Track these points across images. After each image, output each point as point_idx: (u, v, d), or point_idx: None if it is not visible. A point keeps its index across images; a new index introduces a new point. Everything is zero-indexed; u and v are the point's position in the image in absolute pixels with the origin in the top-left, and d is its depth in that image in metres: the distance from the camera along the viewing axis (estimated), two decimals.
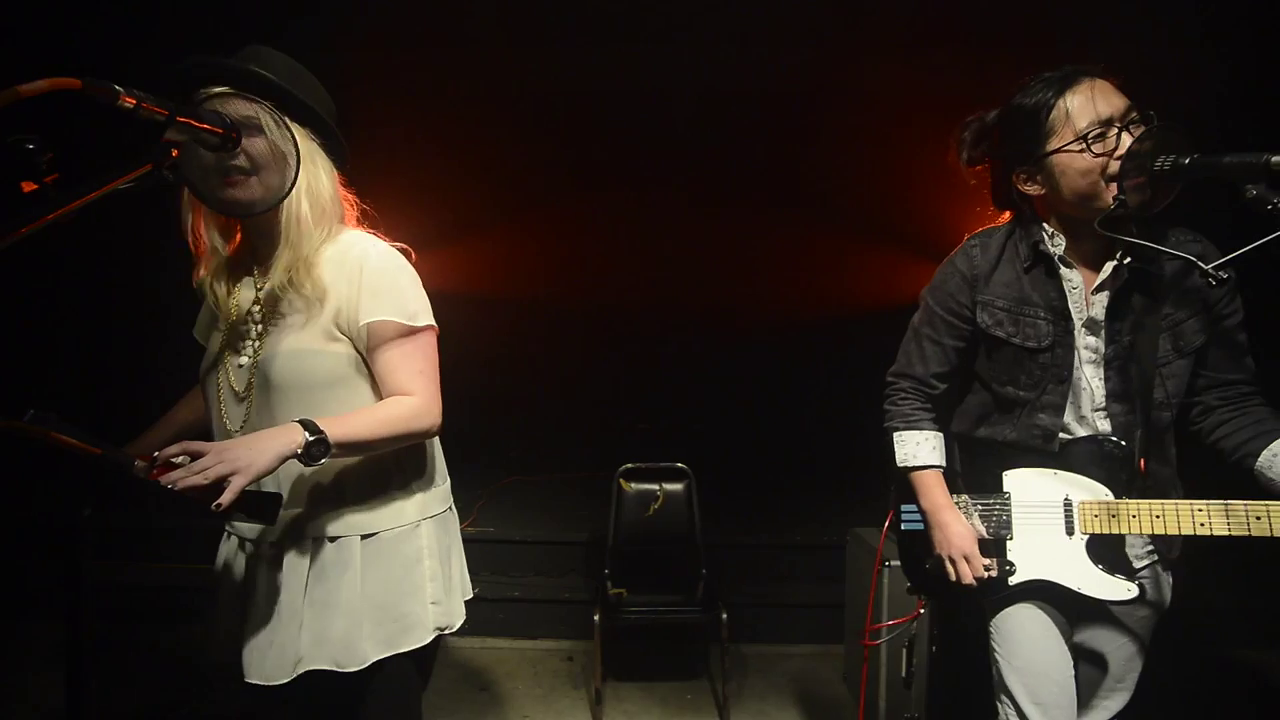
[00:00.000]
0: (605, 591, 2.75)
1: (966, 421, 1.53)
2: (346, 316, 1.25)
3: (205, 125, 0.94)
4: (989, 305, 1.43)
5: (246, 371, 1.27)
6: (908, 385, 1.55)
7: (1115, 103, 1.26)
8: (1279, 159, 1.02)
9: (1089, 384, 1.38)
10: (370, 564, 1.27)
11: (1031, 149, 1.32)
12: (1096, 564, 1.36)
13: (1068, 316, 1.37)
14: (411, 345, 1.28)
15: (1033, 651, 1.41)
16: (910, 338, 1.55)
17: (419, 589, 1.30)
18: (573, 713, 2.70)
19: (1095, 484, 1.37)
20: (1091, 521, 1.36)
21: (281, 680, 1.22)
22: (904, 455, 1.52)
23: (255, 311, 1.29)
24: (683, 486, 2.98)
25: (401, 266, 1.31)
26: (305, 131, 1.25)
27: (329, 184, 1.29)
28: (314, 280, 1.24)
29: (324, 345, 1.25)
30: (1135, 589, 1.34)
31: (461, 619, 1.39)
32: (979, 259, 1.45)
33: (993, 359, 1.45)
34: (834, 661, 2.99)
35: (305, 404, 1.24)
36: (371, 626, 1.25)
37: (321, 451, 1.15)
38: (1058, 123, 1.29)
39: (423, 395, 1.27)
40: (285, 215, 1.24)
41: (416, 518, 1.32)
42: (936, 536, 1.46)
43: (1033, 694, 1.38)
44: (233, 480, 1.07)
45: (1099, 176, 1.27)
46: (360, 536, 1.27)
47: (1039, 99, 1.31)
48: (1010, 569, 1.42)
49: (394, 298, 1.27)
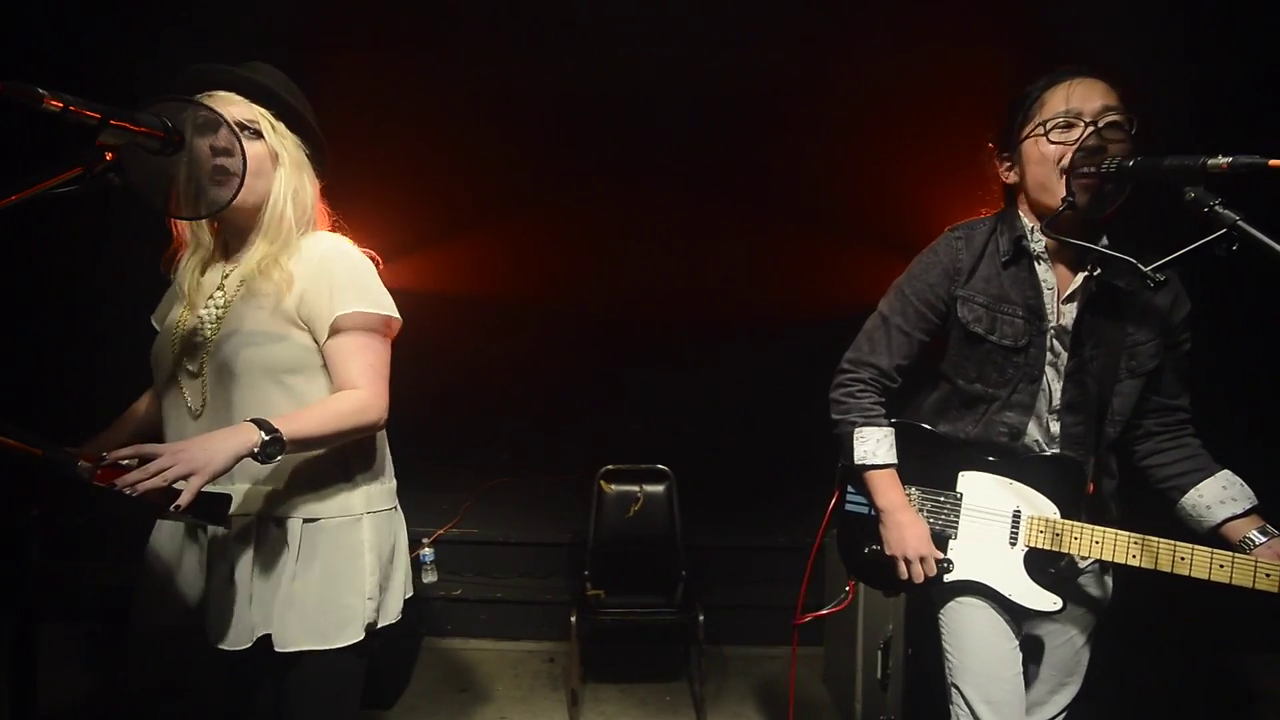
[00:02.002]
0: (583, 592, 2.75)
1: (924, 415, 1.53)
2: (311, 307, 1.29)
3: (142, 129, 0.94)
4: (969, 300, 1.41)
5: (202, 348, 1.29)
6: (868, 376, 1.50)
7: (1093, 100, 1.27)
8: (1215, 162, 1.03)
9: (1050, 386, 1.40)
10: (309, 550, 1.29)
11: (1012, 135, 1.36)
12: (1031, 575, 1.39)
13: (1043, 316, 1.37)
14: (369, 340, 1.32)
15: (982, 651, 1.42)
16: (878, 325, 1.50)
17: (357, 583, 1.31)
18: (550, 714, 2.70)
19: (1047, 501, 1.40)
20: (1037, 537, 1.38)
21: (243, 646, 1.25)
22: (863, 453, 1.48)
23: (218, 295, 1.32)
24: (663, 488, 2.99)
25: (369, 265, 1.37)
26: (297, 140, 1.34)
27: (312, 191, 1.37)
28: (282, 268, 1.29)
29: (284, 330, 1.28)
30: (1060, 603, 1.37)
31: (395, 618, 1.40)
32: (963, 252, 1.44)
33: (964, 355, 1.44)
34: (814, 663, 2.99)
35: (260, 389, 1.27)
36: (306, 614, 1.27)
37: (277, 450, 1.17)
38: (1034, 111, 1.32)
39: (370, 389, 1.30)
40: (269, 214, 1.30)
41: (360, 510, 1.34)
42: (892, 536, 1.46)
43: (984, 693, 1.40)
44: (190, 481, 1.09)
45: (1053, 166, 1.28)
46: (303, 520, 1.29)
47: (1030, 89, 1.34)
48: (948, 566, 1.44)
49: (362, 292, 1.31)
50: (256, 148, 1.28)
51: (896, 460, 1.49)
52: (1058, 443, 1.40)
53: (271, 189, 1.30)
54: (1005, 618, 1.42)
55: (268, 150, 1.30)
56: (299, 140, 1.34)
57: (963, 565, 1.44)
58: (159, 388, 1.35)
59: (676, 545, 2.92)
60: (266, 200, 1.30)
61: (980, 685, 1.40)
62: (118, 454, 1.06)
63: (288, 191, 1.31)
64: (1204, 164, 1.04)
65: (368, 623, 1.32)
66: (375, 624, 1.35)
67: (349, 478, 1.35)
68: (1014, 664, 1.42)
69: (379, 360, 1.34)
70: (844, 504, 1.60)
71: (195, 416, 1.30)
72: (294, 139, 1.33)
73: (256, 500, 1.29)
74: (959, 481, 1.46)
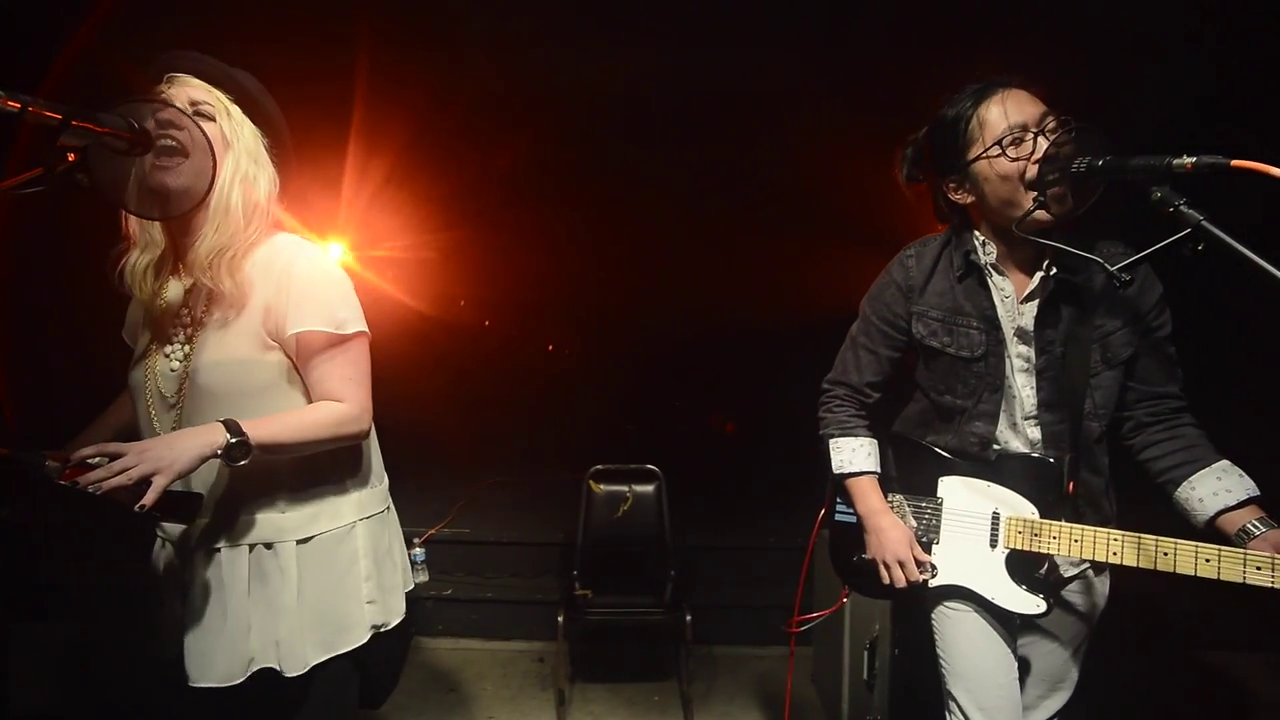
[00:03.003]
0: (571, 592, 2.76)
1: (910, 427, 1.55)
2: (275, 324, 1.25)
3: (106, 129, 0.95)
4: (924, 316, 1.44)
5: (177, 378, 1.26)
6: (843, 393, 1.58)
7: (1029, 110, 1.27)
8: (1180, 161, 1.03)
9: (1020, 392, 1.39)
10: (307, 569, 1.27)
11: (955, 159, 1.35)
12: (1013, 577, 1.39)
13: (999, 325, 1.38)
14: (340, 353, 1.28)
15: (976, 657, 1.42)
16: (847, 346, 1.58)
17: (355, 591, 1.31)
18: (538, 713, 2.70)
19: (1024, 501, 1.39)
20: (1015, 537, 1.38)
21: (236, 680, 1.22)
22: (840, 462, 1.55)
23: (184, 314, 1.28)
24: (653, 488, 2.98)
25: (330, 273, 1.30)
26: (256, 131, 1.27)
27: (266, 185, 1.28)
28: (236, 280, 1.23)
29: (257, 354, 1.25)
30: (1044, 605, 1.36)
31: (400, 616, 1.40)
32: (914, 269, 1.46)
33: (930, 368, 1.47)
34: (803, 663, 2.99)
35: (237, 410, 1.22)
36: (310, 631, 1.26)
37: (243, 453, 1.16)
38: (975, 131, 1.31)
39: (352, 402, 1.28)
40: (215, 201, 1.21)
41: (352, 519, 1.33)
42: (871, 541, 1.48)
43: (977, 699, 1.39)
44: (155, 480, 1.08)
45: (1018, 181, 1.27)
46: (296, 541, 1.27)
47: (958, 111, 1.33)
48: (932, 572, 1.44)
49: (321, 306, 1.26)
50: (206, 129, 1.18)
51: (876, 469, 1.54)
52: (1038, 447, 1.40)
53: (220, 175, 1.22)
54: (1000, 624, 1.41)
55: (219, 133, 1.22)
56: (258, 132, 1.28)
57: (946, 570, 1.45)
58: (138, 414, 1.32)
59: (666, 545, 2.92)
60: (213, 186, 1.21)
61: (973, 691, 1.40)
62: (83, 453, 1.07)
63: (236, 177, 1.22)
64: (1169, 164, 1.04)
65: (372, 625, 1.33)
66: (382, 625, 1.36)
67: (340, 487, 1.33)
68: (1008, 669, 1.41)
69: (356, 370, 1.30)
70: (834, 513, 1.64)
71: None
72: (252, 128, 1.26)
73: (244, 528, 1.26)
74: (939, 487, 1.48)
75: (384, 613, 1.36)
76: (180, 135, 1.13)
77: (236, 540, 1.26)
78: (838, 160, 4.36)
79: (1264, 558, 1.14)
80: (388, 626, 1.37)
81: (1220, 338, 3.30)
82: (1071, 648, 1.49)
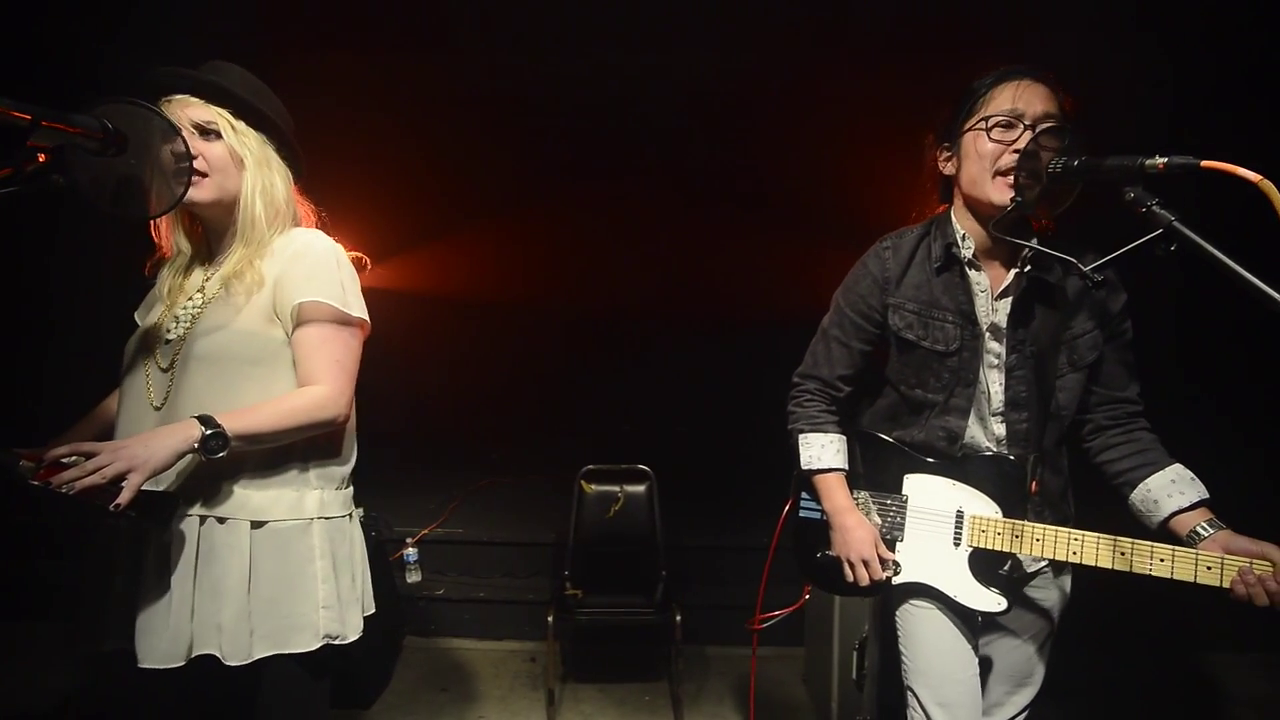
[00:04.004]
0: (561, 592, 2.76)
1: (877, 422, 1.55)
2: (278, 297, 1.29)
3: (77, 130, 0.95)
4: (900, 308, 1.44)
5: (174, 346, 1.29)
6: (813, 387, 1.56)
7: (1036, 105, 1.27)
8: (1152, 162, 1.03)
9: (989, 388, 1.40)
10: (260, 556, 1.25)
11: (955, 125, 1.36)
12: (975, 576, 1.40)
13: (975, 320, 1.38)
14: (335, 333, 1.31)
15: (937, 654, 1.42)
16: (818, 339, 1.57)
17: (309, 590, 1.27)
18: (528, 713, 2.70)
19: (988, 500, 1.40)
20: (978, 536, 1.38)
21: (176, 664, 1.20)
22: (809, 458, 1.54)
23: (197, 297, 1.33)
24: (644, 488, 2.99)
25: (341, 260, 1.36)
26: (261, 138, 1.34)
27: (284, 188, 1.37)
28: (255, 270, 1.30)
29: (260, 327, 1.29)
30: (1004, 603, 1.37)
31: (357, 634, 1.35)
32: (890, 261, 1.46)
33: (903, 362, 1.46)
34: (794, 663, 2.99)
35: (224, 379, 1.26)
36: (258, 620, 1.23)
37: (219, 445, 1.16)
38: (980, 105, 1.32)
39: (332, 385, 1.29)
40: (242, 216, 1.32)
41: (312, 515, 1.30)
42: (837, 538, 1.48)
43: (937, 695, 1.40)
44: (130, 478, 1.09)
45: (990, 165, 1.28)
46: (250, 522, 1.25)
47: (979, 83, 1.33)
48: (895, 569, 1.45)
49: (330, 284, 1.31)
50: (217, 149, 1.28)
51: (845, 465, 1.53)
52: (1004, 444, 1.41)
53: (241, 189, 1.31)
54: (962, 621, 1.42)
55: (228, 151, 1.29)
56: (264, 138, 1.34)
57: (910, 568, 1.45)
58: (123, 379, 1.33)
59: (657, 545, 2.92)
60: (238, 202, 1.31)
61: (934, 687, 1.41)
62: (57, 452, 1.07)
63: (255, 189, 1.31)
64: (1142, 164, 1.04)
65: (325, 633, 1.28)
66: (338, 636, 1.30)
67: (304, 479, 1.31)
68: (969, 665, 1.42)
69: (345, 355, 1.32)
70: (798, 510, 1.64)
71: (156, 408, 1.27)
72: (257, 136, 1.33)
73: (199, 496, 1.24)
74: (905, 484, 1.48)
75: (339, 624, 1.31)
76: (198, 164, 1.22)
77: (189, 508, 1.24)
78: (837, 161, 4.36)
79: (1214, 558, 1.18)
80: (343, 640, 1.32)
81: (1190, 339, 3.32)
82: (1035, 645, 1.50)
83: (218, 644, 1.21)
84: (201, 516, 1.24)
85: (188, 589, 1.22)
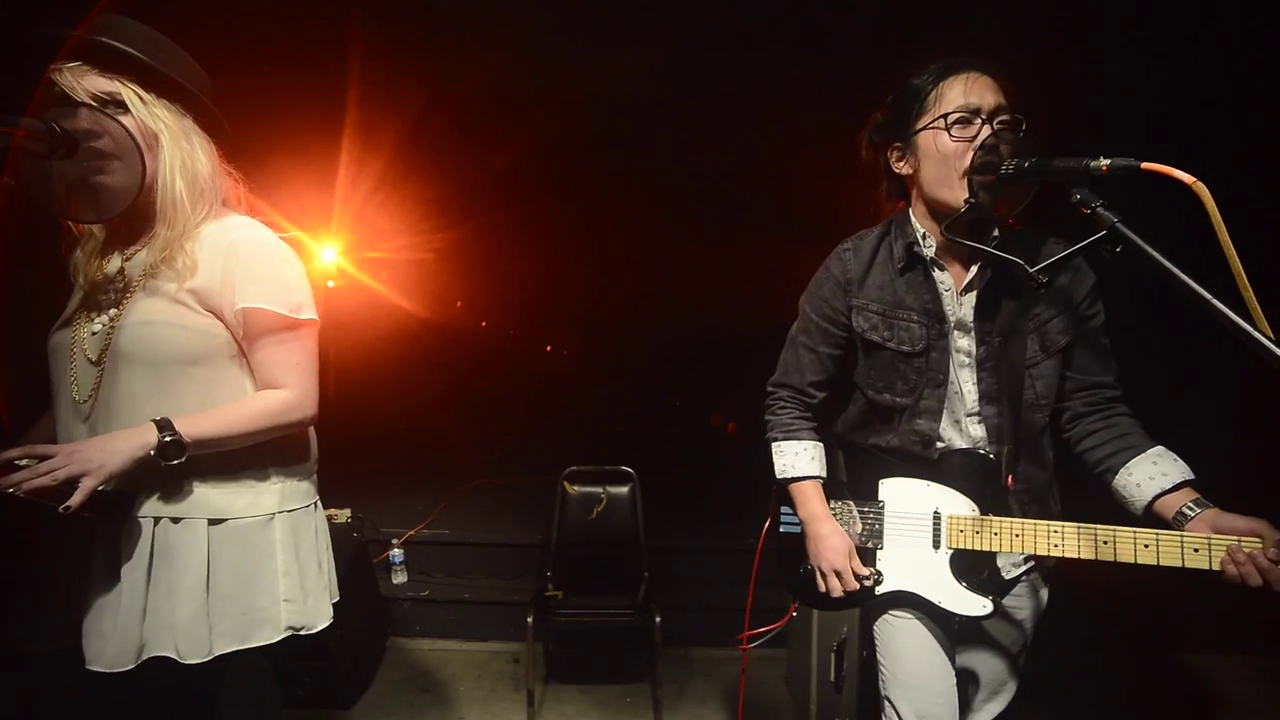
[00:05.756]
0: (542, 593, 2.76)
1: (851, 428, 1.53)
2: (217, 297, 1.22)
3: (19, 132, 0.95)
4: (864, 309, 1.42)
5: (101, 338, 1.21)
6: (786, 395, 1.55)
7: (988, 98, 1.26)
8: (1096, 163, 1.03)
9: (962, 388, 1.38)
10: (219, 552, 1.23)
11: (906, 126, 1.34)
12: (958, 579, 1.37)
13: (942, 319, 1.37)
14: (291, 338, 1.26)
15: (915, 665, 1.40)
16: (789, 346, 1.56)
17: (270, 585, 1.26)
18: (509, 714, 2.70)
19: (964, 499, 1.38)
20: (957, 537, 1.36)
21: (125, 667, 1.17)
22: (783, 466, 1.52)
23: (119, 280, 1.24)
24: (627, 489, 2.99)
25: (285, 256, 1.29)
26: (174, 108, 1.20)
27: (206, 162, 1.24)
28: (187, 253, 1.21)
29: (181, 318, 1.20)
30: (990, 606, 1.35)
31: (326, 621, 1.34)
32: (851, 263, 1.45)
33: (870, 365, 1.45)
34: (777, 665, 2.99)
35: (162, 381, 1.20)
36: (217, 618, 1.22)
37: (177, 451, 1.15)
38: (932, 102, 1.30)
39: (296, 389, 1.26)
40: (160, 196, 1.19)
41: (273, 510, 1.28)
42: (810, 548, 1.46)
43: (916, 707, 1.38)
44: (83, 482, 1.08)
45: (955, 163, 1.27)
46: (208, 520, 1.22)
47: (922, 81, 1.32)
48: (878, 578, 1.42)
49: (274, 286, 1.24)
50: (125, 123, 1.14)
51: (820, 473, 1.50)
52: (982, 444, 1.39)
53: (159, 168, 1.19)
54: (940, 631, 1.40)
55: (138, 125, 1.16)
56: (178, 107, 1.20)
57: (891, 576, 1.42)
58: (55, 379, 1.25)
59: (639, 547, 2.92)
60: (156, 182, 1.19)
61: (913, 700, 1.39)
62: (9, 454, 1.06)
63: (174, 166, 1.19)
64: (1087, 165, 1.03)
65: (289, 625, 1.27)
66: (301, 628, 1.29)
67: (263, 474, 1.29)
68: (947, 677, 1.40)
69: (305, 356, 1.28)
70: (779, 525, 1.60)
71: (81, 403, 1.21)
72: (170, 106, 1.19)
73: (155, 495, 1.21)
74: (880, 490, 1.45)
75: (303, 615, 1.29)
76: (103, 143, 1.10)
77: (142, 511, 1.20)
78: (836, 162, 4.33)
79: (1200, 539, 1.14)
80: (309, 630, 1.30)
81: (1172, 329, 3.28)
82: (1010, 655, 1.48)
83: (173, 644, 1.19)
84: (156, 517, 1.21)
85: (139, 590, 1.19)
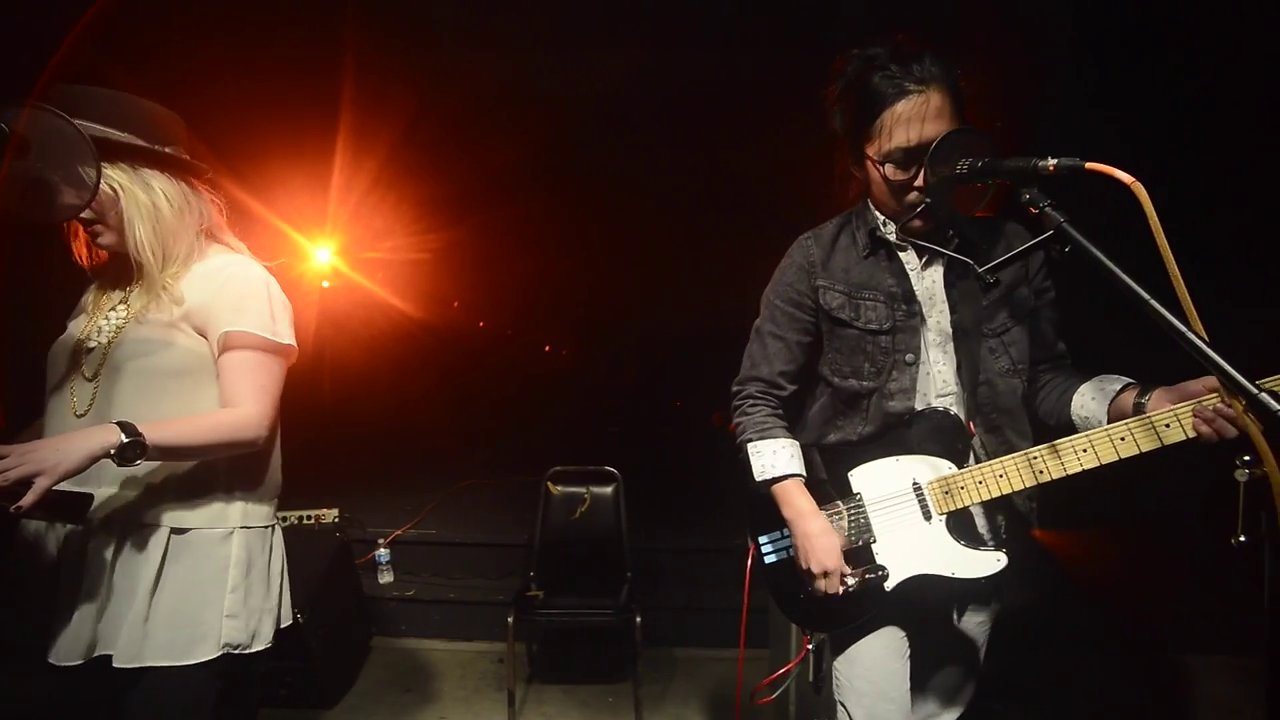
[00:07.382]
0: (523, 593, 2.76)
1: (814, 430, 1.47)
2: (203, 317, 1.30)
3: None
4: (829, 289, 1.40)
5: (98, 355, 1.29)
6: (755, 390, 1.48)
7: (928, 129, 1.21)
8: (1044, 164, 1.02)
9: (933, 369, 1.36)
10: (174, 562, 1.25)
11: (857, 140, 1.32)
12: (961, 542, 1.32)
13: (912, 299, 1.35)
14: (261, 360, 1.32)
15: (871, 672, 1.39)
16: (754, 339, 1.50)
17: (216, 599, 1.27)
18: (490, 714, 2.70)
19: (936, 460, 1.34)
20: (944, 500, 1.33)
21: (74, 662, 1.21)
22: (761, 467, 1.42)
23: (121, 309, 1.34)
24: (610, 489, 2.99)
25: (274, 291, 1.37)
26: (125, 167, 1.26)
27: (170, 204, 1.30)
28: (177, 288, 1.31)
29: (176, 337, 1.30)
30: (1004, 558, 1.31)
31: (266, 644, 1.33)
32: (814, 249, 1.44)
33: (835, 349, 1.41)
34: (761, 665, 2.98)
35: (148, 389, 1.27)
36: (154, 627, 1.23)
37: (137, 454, 1.16)
38: (876, 131, 1.27)
39: (255, 408, 1.30)
40: (132, 244, 1.28)
41: (234, 525, 1.31)
42: (799, 548, 1.37)
43: (870, 713, 1.37)
44: (37, 482, 1.09)
45: (897, 195, 1.29)
46: (171, 530, 1.26)
47: (877, 92, 1.25)
48: (884, 574, 1.34)
49: (259, 314, 1.32)
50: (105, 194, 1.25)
51: (801, 470, 1.42)
52: None
53: (126, 235, 1.28)
54: (899, 638, 1.39)
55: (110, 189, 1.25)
56: (130, 165, 1.26)
57: (897, 566, 1.35)
58: (49, 390, 1.33)
59: (623, 547, 2.92)
60: (125, 233, 1.28)
61: (867, 706, 1.37)
62: None
63: (135, 218, 1.27)
64: (1035, 165, 1.03)
65: (226, 642, 1.27)
66: (240, 645, 1.28)
67: (227, 490, 1.32)
68: (902, 683, 1.39)
69: (269, 381, 1.33)
70: (762, 559, 1.49)
71: (79, 416, 1.28)
72: (122, 167, 1.25)
73: (122, 504, 1.25)
74: (852, 483, 1.40)
75: (244, 633, 1.29)
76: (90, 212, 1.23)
77: (111, 518, 1.25)
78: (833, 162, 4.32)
79: (1166, 413, 1.16)
80: (245, 650, 1.29)
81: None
82: (965, 664, 1.48)
83: (114, 644, 1.22)
84: (124, 523, 1.25)
85: (99, 590, 1.22)
